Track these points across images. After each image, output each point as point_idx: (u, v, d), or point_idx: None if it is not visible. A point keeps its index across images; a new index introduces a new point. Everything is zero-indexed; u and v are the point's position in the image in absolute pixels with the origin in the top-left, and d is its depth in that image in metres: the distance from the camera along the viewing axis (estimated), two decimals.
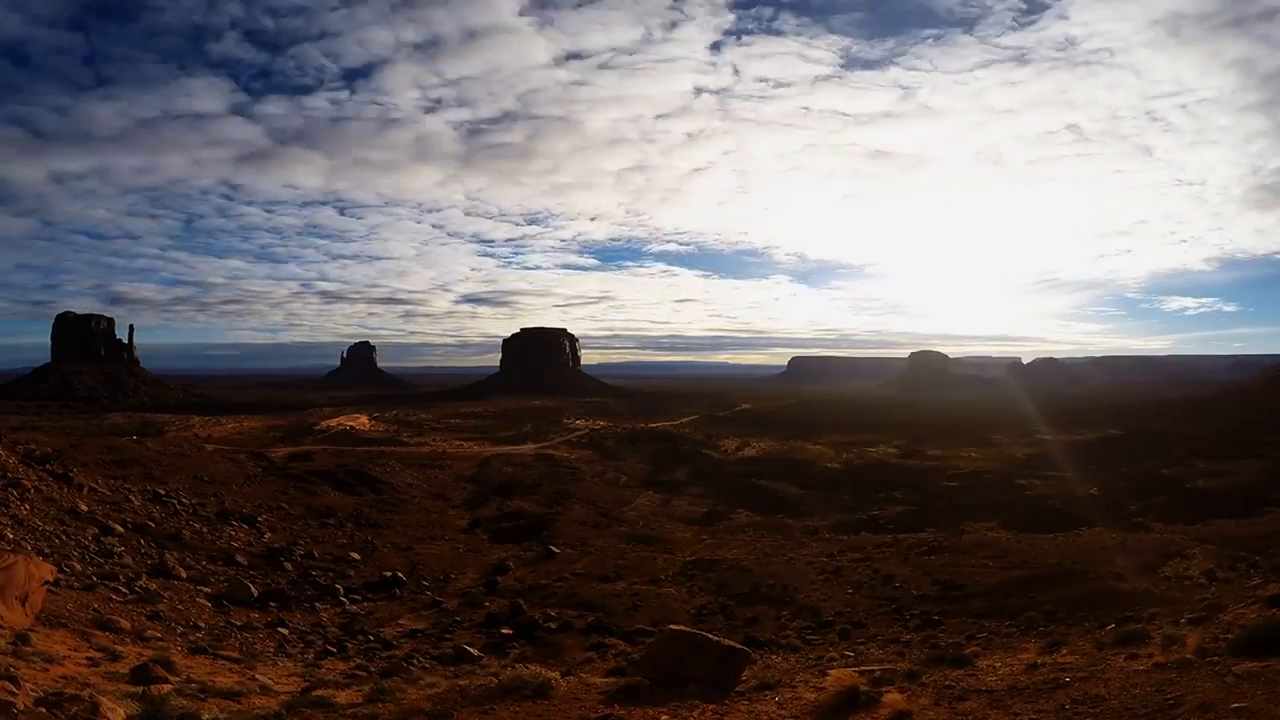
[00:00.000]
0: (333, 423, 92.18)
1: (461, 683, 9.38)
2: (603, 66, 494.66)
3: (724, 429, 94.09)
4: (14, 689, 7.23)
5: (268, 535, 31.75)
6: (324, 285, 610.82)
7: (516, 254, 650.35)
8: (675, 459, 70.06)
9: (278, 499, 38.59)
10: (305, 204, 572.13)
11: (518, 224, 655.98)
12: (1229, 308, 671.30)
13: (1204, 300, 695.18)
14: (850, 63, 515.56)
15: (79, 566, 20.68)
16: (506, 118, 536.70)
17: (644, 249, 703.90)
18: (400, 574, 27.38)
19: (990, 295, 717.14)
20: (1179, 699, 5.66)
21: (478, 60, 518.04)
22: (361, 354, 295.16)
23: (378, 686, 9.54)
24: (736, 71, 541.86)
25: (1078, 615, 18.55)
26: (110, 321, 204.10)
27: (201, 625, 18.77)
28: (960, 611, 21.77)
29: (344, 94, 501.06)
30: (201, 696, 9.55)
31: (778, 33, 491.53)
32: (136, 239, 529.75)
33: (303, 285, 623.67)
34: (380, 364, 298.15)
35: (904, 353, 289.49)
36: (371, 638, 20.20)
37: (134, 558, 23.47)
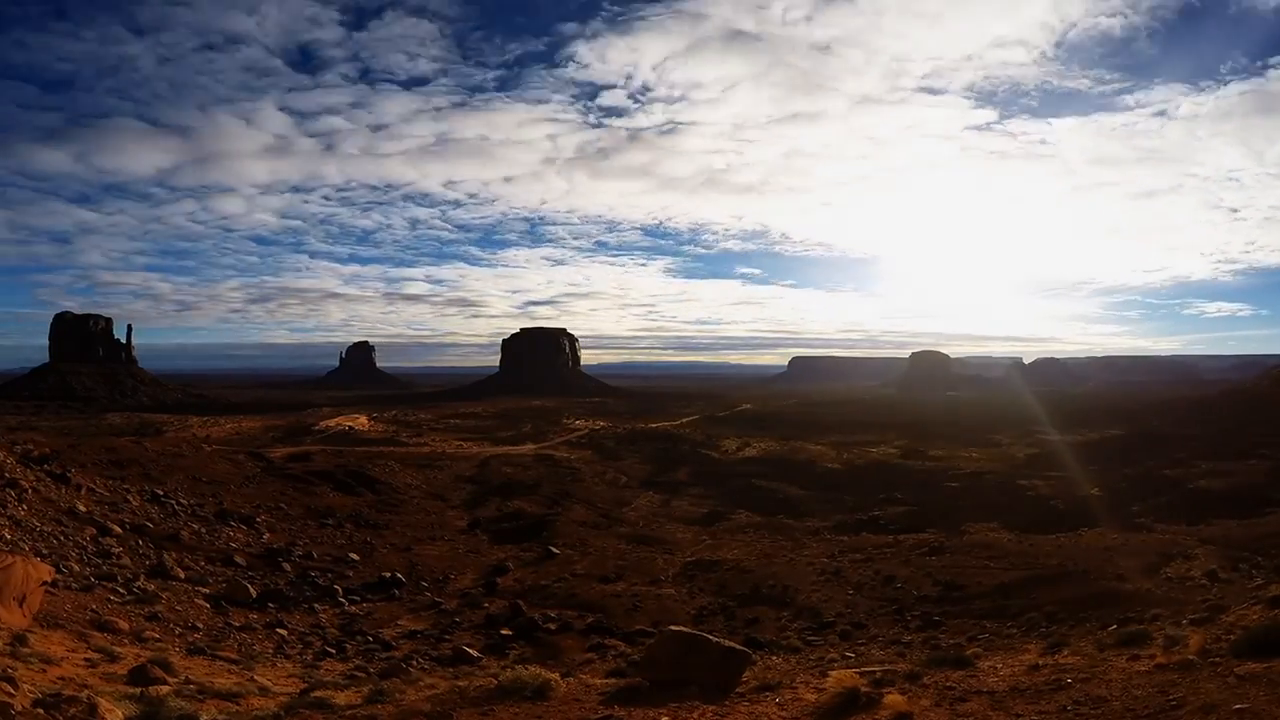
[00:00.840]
0: (332, 423, 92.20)
1: (461, 684, 9.35)
2: None
3: (724, 429, 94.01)
4: (12, 690, 7.19)
5: (266, 536, 31.70)
6: None
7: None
8: (675, 459, 70.01)
9: (276, 499, 38.53)
10: None
11: None
12: (1243, 311, 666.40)
13: (1220, 304, 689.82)
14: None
15: (77, 567, 20.63)
16: None
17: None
18: (399, 575, 27.33)
19: (991, 294, 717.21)
20: (1181, 700, 5.62)
21: None
22: (360, 354, 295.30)
23: (377, 688, 9.52)
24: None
25: (1079, 616, 18.51)
26: (108, 321, 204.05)
27: (200, 626, 18.73)
28: (961, 612, 21.74)
29: None
30: (200, 698, 9.53)
31: None
32: None
33: None
34: (379, 364, 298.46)
35: (905, 353, 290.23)
36: (370, 639, 20.15)
37: (132, 558, 23.42)
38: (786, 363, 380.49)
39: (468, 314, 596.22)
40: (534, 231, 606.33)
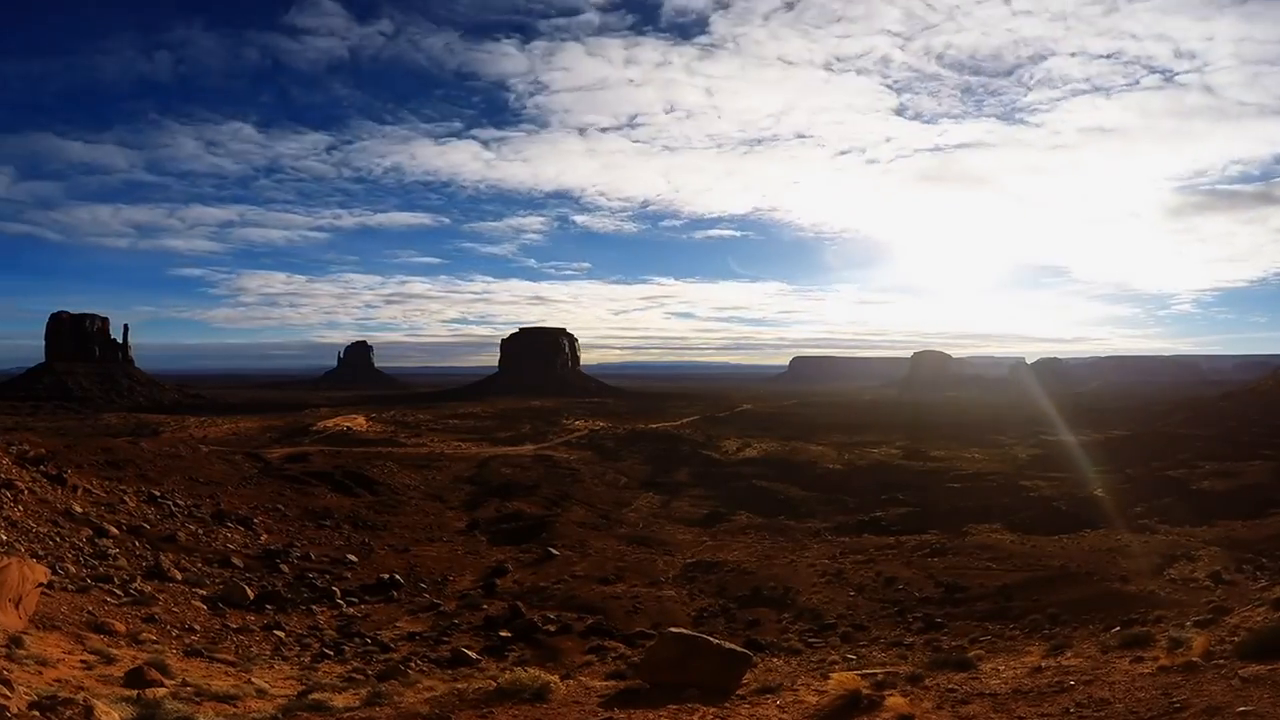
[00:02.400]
0: (330, 423, 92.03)
1: (459, 686, 9.29)
2: None
3: (724, 430, 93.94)
4: (8, 692, 7.12)
5: (264, 537, 31.62)
6: None
7: None
8: (675, 460, 69.94)
9: (274, 500, 38.46)
10: None
11: None
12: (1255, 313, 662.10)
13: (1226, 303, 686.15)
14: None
15: (73, 569, 20.55)
16: None
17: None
18: (398, 576, 27.26)
19: (993, 293, 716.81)
20: (1184, 702, 5.56)
21: None
22: (359, 354, 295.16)
23: (375, 690, 9.46)
24: None
25: (1082, 618, 18.49)
26: (105, 321, 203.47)
27: (197, 628, 18.65)
28: (963, 614, 21.70)
29: None
30: (197, 700, 9.47)
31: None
32: None
33: None
34: (378, 364, 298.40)
35: (906, 353, 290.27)
36: (369, 640, 20.08)
37: (128, 560, 23.34)
38: (788, 363, 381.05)
39: None
40: None
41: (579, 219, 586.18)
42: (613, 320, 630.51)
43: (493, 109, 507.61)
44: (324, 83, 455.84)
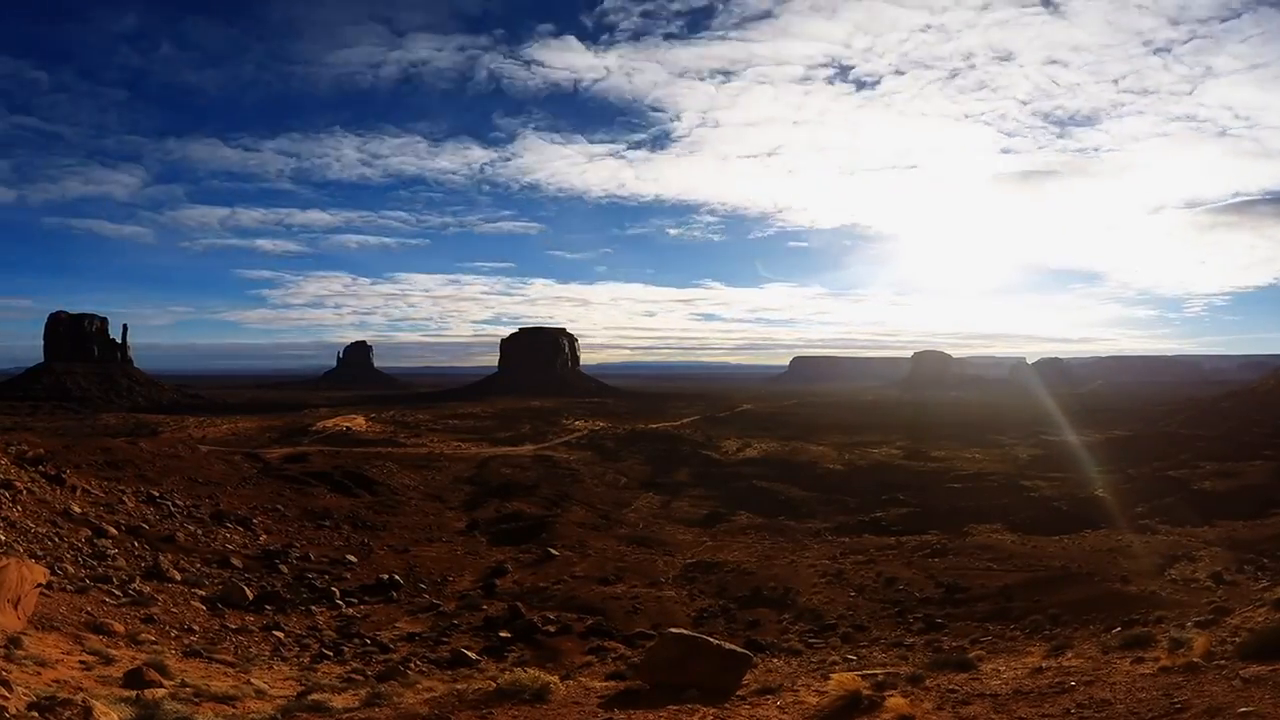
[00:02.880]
0: (329, 423, 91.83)
1: (459, 686, 9.26)
2: None
3: (725, 430, 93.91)
4: (6, 693, 7.10)
5: (263, 537, 31.59)
6: None
7: None
8: (675, 460, 69.90)
9: (273, 501, 38.43)
10: None
11: None
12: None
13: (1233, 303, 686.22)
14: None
15: (72, 569, 20.51)
16: None
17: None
18: (397, 576, 27.23)
19: (999, 294, 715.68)
20: (1186, 703, 5.53)
21: None
22: (358, 354, 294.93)
23: (374, 690, 9.43)
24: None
25: (1083, 618, 18.48)
26: (104, 321, 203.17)
27: (196, 628, 18.61)
28: (964, 615, 21.69)
29: None
30: (196, 701, 9.44)
31: None
32: None
33: None
34: (376, 364, 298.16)
35: (907, 353, 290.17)
36: (368, 641, 20.05)
37: (127, 560, 23.30)
38: (788, 363, 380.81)
39: None
40: None
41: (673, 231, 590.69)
42: (645, 321, 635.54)
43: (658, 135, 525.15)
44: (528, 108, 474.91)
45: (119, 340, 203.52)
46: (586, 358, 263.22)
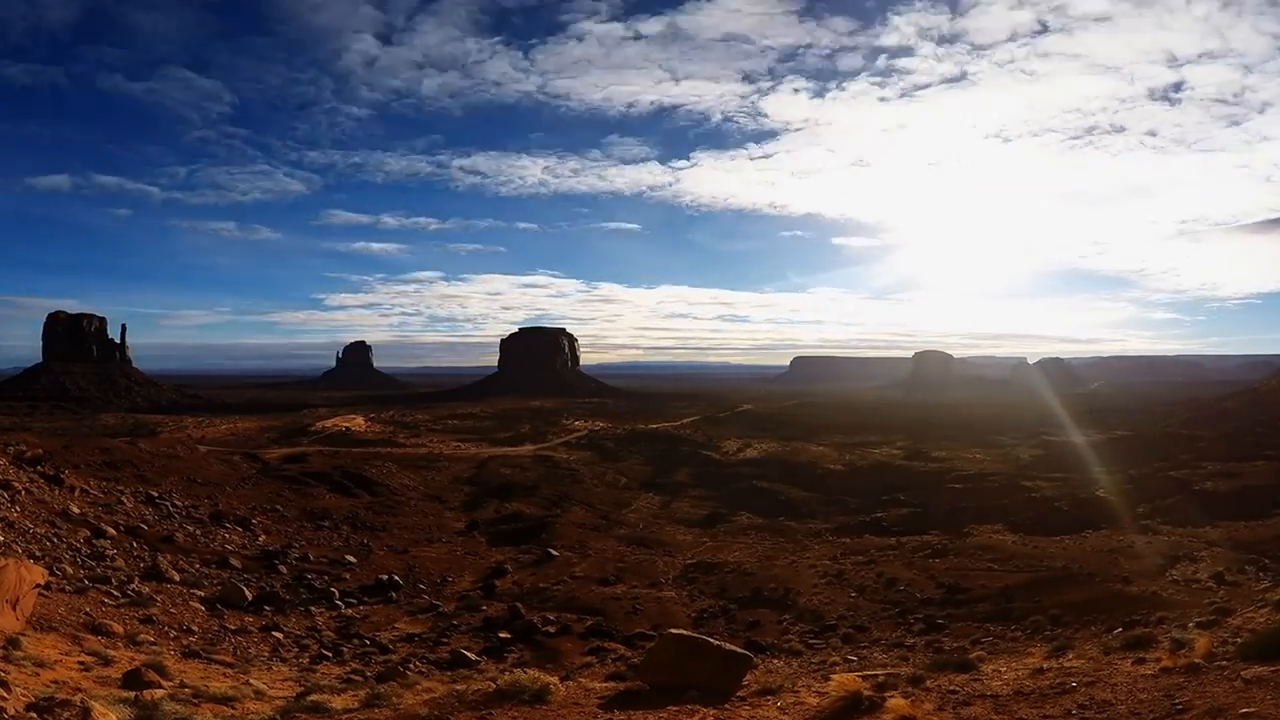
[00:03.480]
0: (328, 424, 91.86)
1: (459, 687, 9.22)
2: None
3: (725, 430, 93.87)
4: (5, 694, 7.08)
5: (262, 538, 31.55)
6: None
7: None
8: (676, 460, 69.86)
9: (272, 501, 38.39)
10: None
11: None
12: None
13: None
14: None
15: (70, 570, 20.46)
16: None
17: None
18: (396, 577, 27.20)
19: (995, 293, 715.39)
20: (1187, 704, 5.51)
21: None
22: (357, 354, 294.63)
23: (374, 691, 9.38)
24: None
25: (1084, 619, 18.46)
26: (102, 321, 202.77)
27: (195, 629, 18.57)
28: (965, 615, 21.66)
29: None
30: (195, 701, 9.42)
31: None
32: None
33: None
34: (376, 364, 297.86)
35: (908, 353, 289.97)
36: (367, 642, 20.02)
37: (126, 561, 23.25)
38: (789, 363, 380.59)
39: None
40: None
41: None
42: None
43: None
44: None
45: (118, 340, 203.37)
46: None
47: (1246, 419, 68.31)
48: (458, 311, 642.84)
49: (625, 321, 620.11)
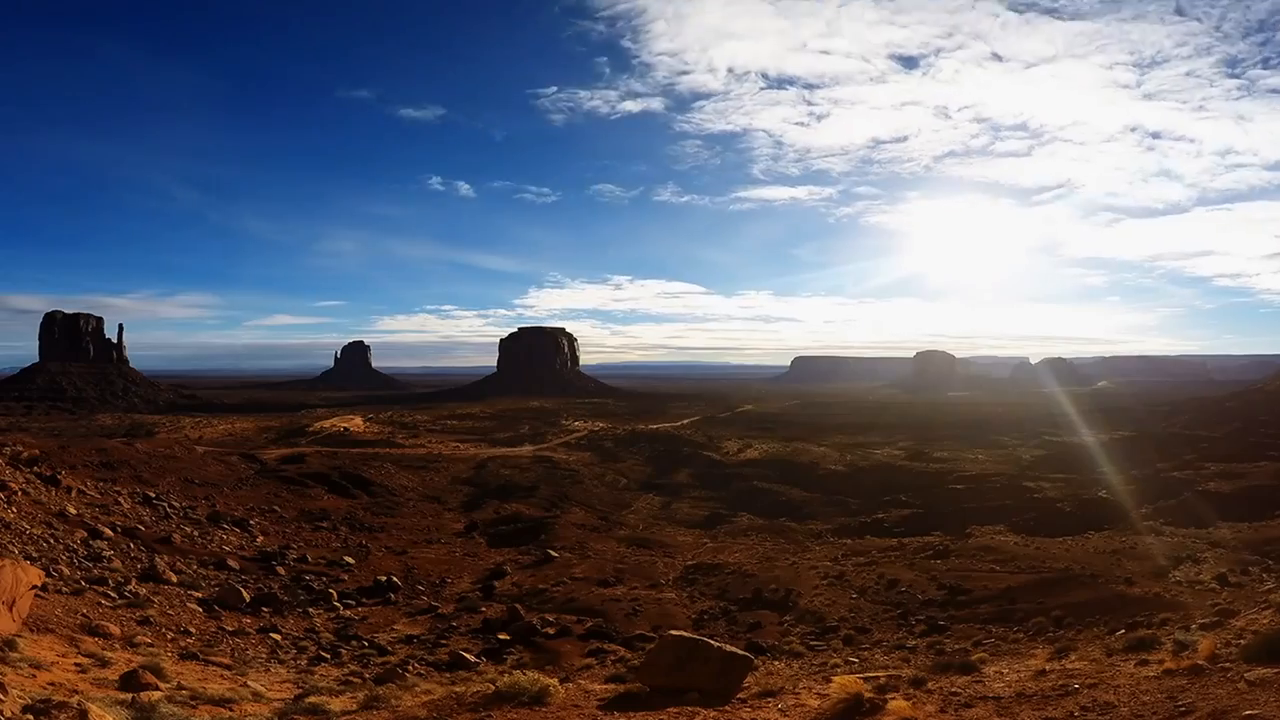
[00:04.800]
0: (326, 424, 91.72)
1: (458, 689, 9.18)
2: None
3: (726, 430, 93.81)
4: (1, 696, 7.01)
5: (260, 539, 31.47)
6: None
7: None
8: (676, 461, 69.77)
9: (270, 502, 38.33)
10: None
11: None
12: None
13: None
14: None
15: (67, 571, 20.38)
16: None
17: None
18: (395, 578, 27.13)
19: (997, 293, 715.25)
20: (1190, 706, 5.47)
21: None
22: (356, 354, 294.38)
23: (372, 693, 9.33)
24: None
25: (1087, 621, 18.41)
26: (99, 320, 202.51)
27: (192, 631, 18.50)
28: (967, 617, 21.61)
29: None
30: (192, 703, 9.36)
31: None
32: None
33: None
34: (375, 364, 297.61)
35: (909, 352, 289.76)
36: (366, 643, 19.96)
37: (123, 562, 23.17)
38: (789, 363, 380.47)
39: None
40: None
41: None
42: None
43: None
44: None
45: (115, 340, 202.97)
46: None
47: (1250, 419, 68.14)
48: None
49: None
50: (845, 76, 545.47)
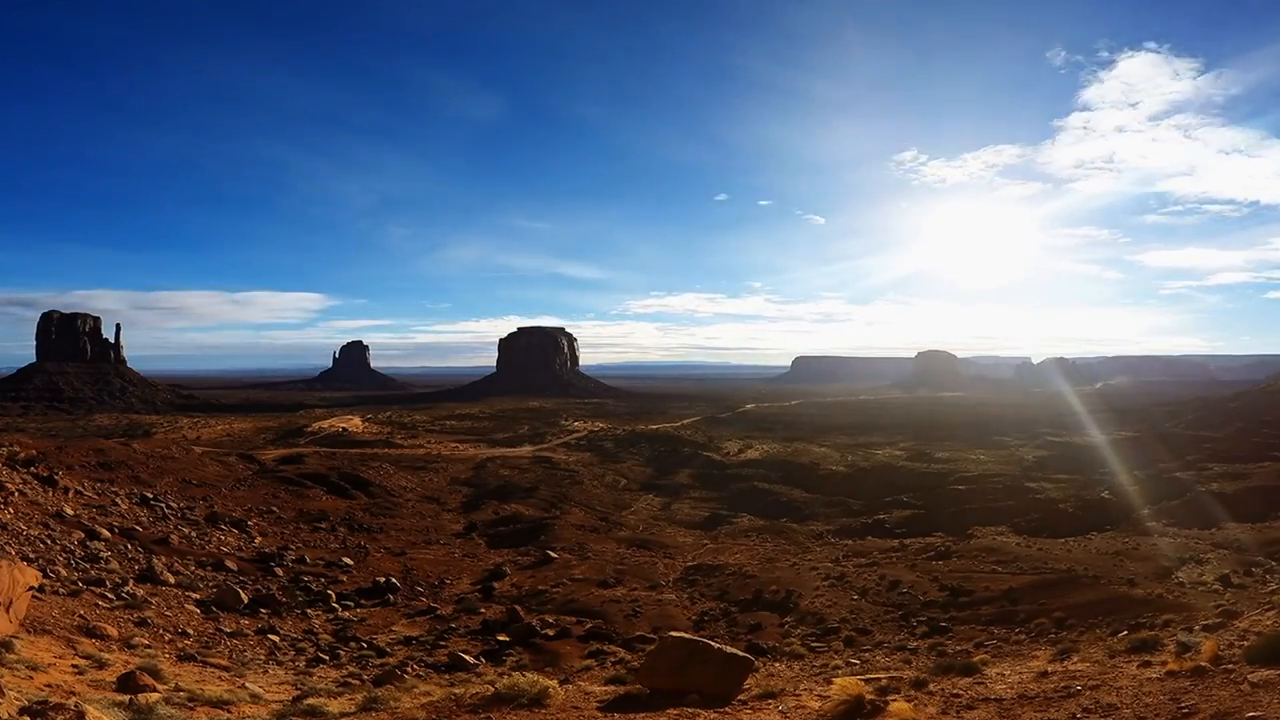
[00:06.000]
0: (325, 424, 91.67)
1: (457, 691, 9.11)
2: None
3: (726, 430, 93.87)
4: None
5: (258, 540, 31.41)
6: None
7: None
8: (676, 462, 69.74)
9: (268, 502, 38.27)
10: None
11: None
12: None
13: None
14: None
15: (64, 572, 20.29)
16: None
17: None
18: (394, 579, 27.08)
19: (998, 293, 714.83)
20: (1193, 708, 5.43)
21: None
22: (354, 354, 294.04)
23: (371, 695, 9.30)
24: None
25: (1089, 622, 18.39)
26: (97, 320, 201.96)
27: (190, 632, 18.42)
28: (969, 618, 21.56)
29: None
30: (190, 705, 9.30)
31: None
32: None
33: None
34: (374, 364, 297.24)
35: (910, 352, 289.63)
36: (364, 645, 19.90)
37: (121, 563, 23.08)
38: (790, 363, 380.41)
39: None
40: None
41: None
42: None
43: None
44: None
45: (112, 340, 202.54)
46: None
47: (1253, 419, 68.05)
48: None
49: None
50: None
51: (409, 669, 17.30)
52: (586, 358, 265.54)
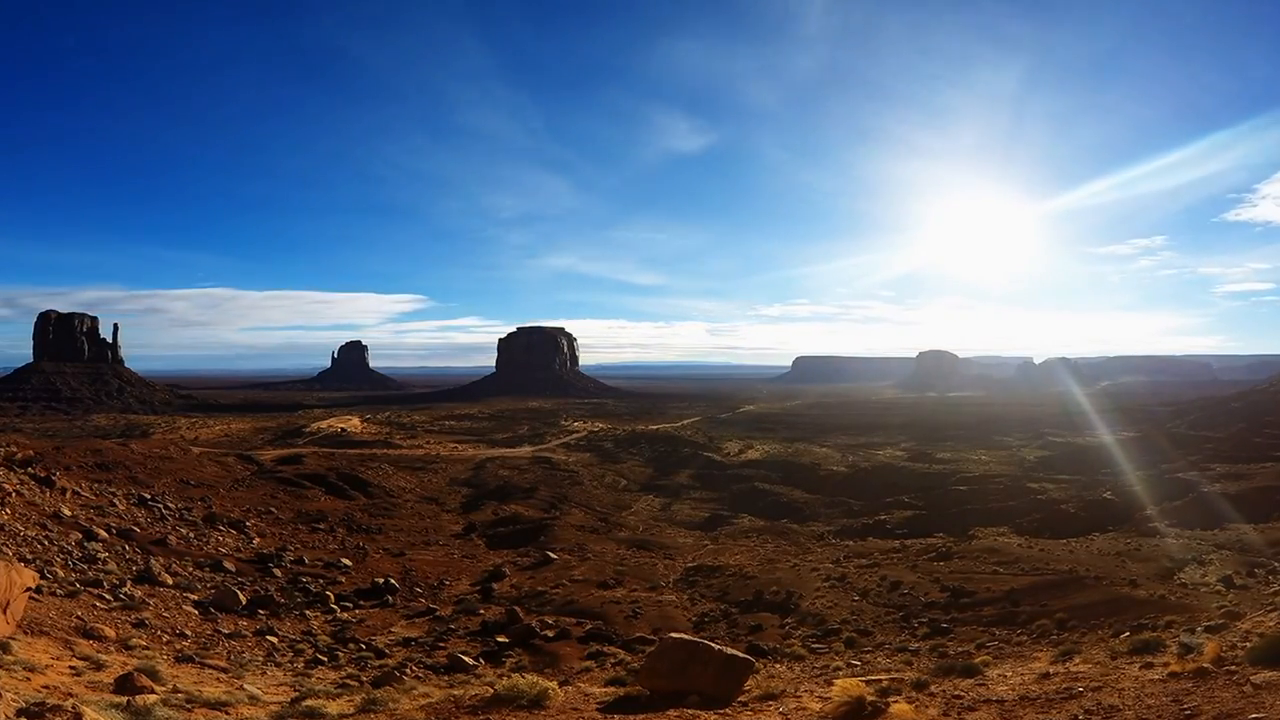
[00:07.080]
0: (324, 425, 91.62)
1: (456, 692, 9.09)
2: None
3: (727, 431, 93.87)
4: None
5: (256, 540, 31.36)
6: None
7: None
8: (676, 462, 69.74)
9: (267, 503, 38.23)
10: None
11: None
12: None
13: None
14: None
15: (62, 573, 20.24)
16: None
17: None
18: (393, 580, 27.03)
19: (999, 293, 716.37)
20: (1196, 709, 5.41)
21: None
22: (353, 354, 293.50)
23: (370, 696, 9.25)
24: None
25: (1091, 623, 18.37)
26: (94, 320, 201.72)
27: (188, 633, 18.37)
28: (970, 619, 21.53)
29: None
30: (188, 707, 9.25)
31: None
32: None
33: None
34: (372, 364, 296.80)
35: (911, 352, 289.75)
36: (363, 646, 19.85)
37: (118, 564, 23.03)
38: (790, 363, 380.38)
39: None
40: None
41: None
42: None
43: None
44: None
45: (110, 340, 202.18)
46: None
47: (1255, 420, 68.02)
48: None
49: None
50: None
51: (408, 670, 17.25)
52: (595, 358, 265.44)
